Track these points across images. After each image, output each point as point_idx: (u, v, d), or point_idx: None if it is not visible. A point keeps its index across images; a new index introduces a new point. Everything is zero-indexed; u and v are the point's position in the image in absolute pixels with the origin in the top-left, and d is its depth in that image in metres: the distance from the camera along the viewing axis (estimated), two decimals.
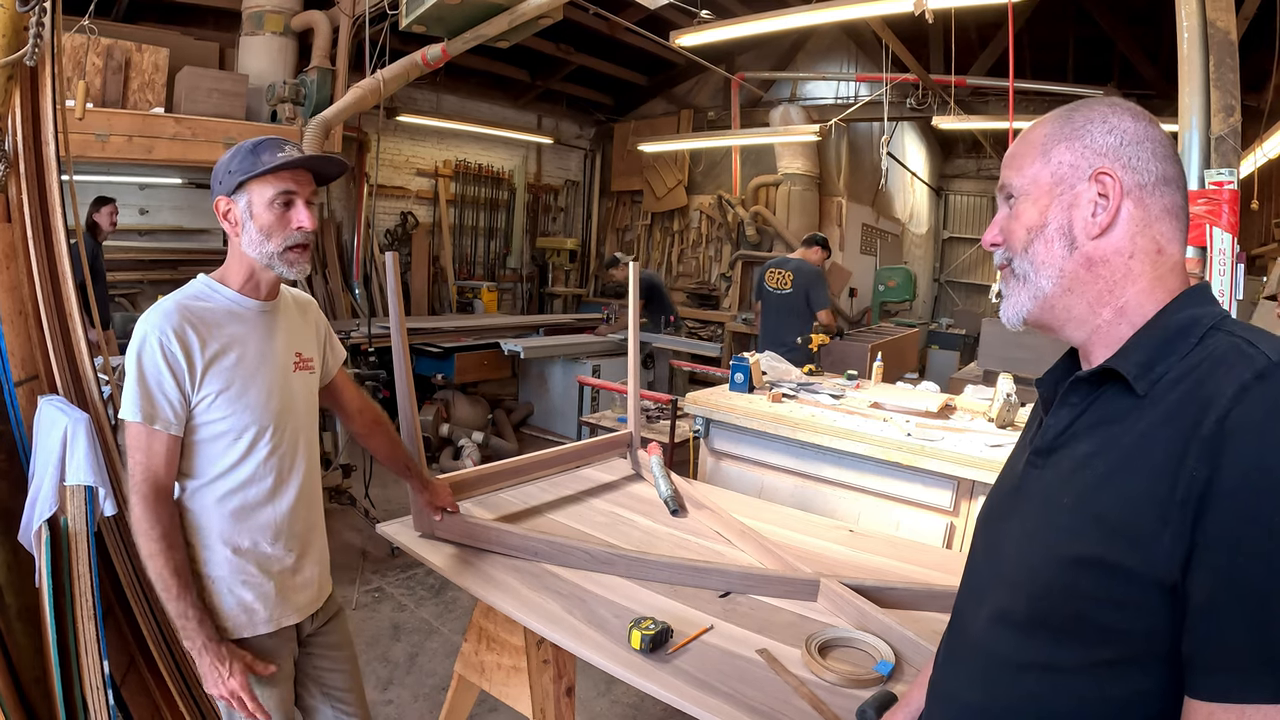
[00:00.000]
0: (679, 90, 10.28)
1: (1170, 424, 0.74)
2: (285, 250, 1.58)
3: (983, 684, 0.88)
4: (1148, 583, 0.72)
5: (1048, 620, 0.80)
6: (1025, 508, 0.89)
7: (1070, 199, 0.87)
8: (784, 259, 5.91)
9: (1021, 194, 0.91)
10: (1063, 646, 0.79)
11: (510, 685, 1.97)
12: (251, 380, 1.59)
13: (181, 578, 1.51)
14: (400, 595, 3.81)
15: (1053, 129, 0.89)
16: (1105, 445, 0.80)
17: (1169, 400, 0.76)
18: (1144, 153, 0.85)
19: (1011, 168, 0.92)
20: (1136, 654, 0.74)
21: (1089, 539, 0.77)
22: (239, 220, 1.57)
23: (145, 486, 1.49)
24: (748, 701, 1.40)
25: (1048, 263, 0.88)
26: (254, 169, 1.54)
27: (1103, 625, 0.75)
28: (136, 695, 2.13)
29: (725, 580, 1.88)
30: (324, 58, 6.04)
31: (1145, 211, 0.85)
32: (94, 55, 5.07)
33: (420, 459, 2.07)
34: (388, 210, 8.81)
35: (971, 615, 0.94)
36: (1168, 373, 0.78)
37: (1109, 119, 0.86)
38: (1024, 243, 0.90)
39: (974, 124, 7.73)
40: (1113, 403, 0.83)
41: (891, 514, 3.13)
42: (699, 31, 5.41)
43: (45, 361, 2.16)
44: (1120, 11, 7.41)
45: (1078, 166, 0.86)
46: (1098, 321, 0.87)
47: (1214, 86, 2.48)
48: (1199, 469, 0.69)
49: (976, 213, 12.30)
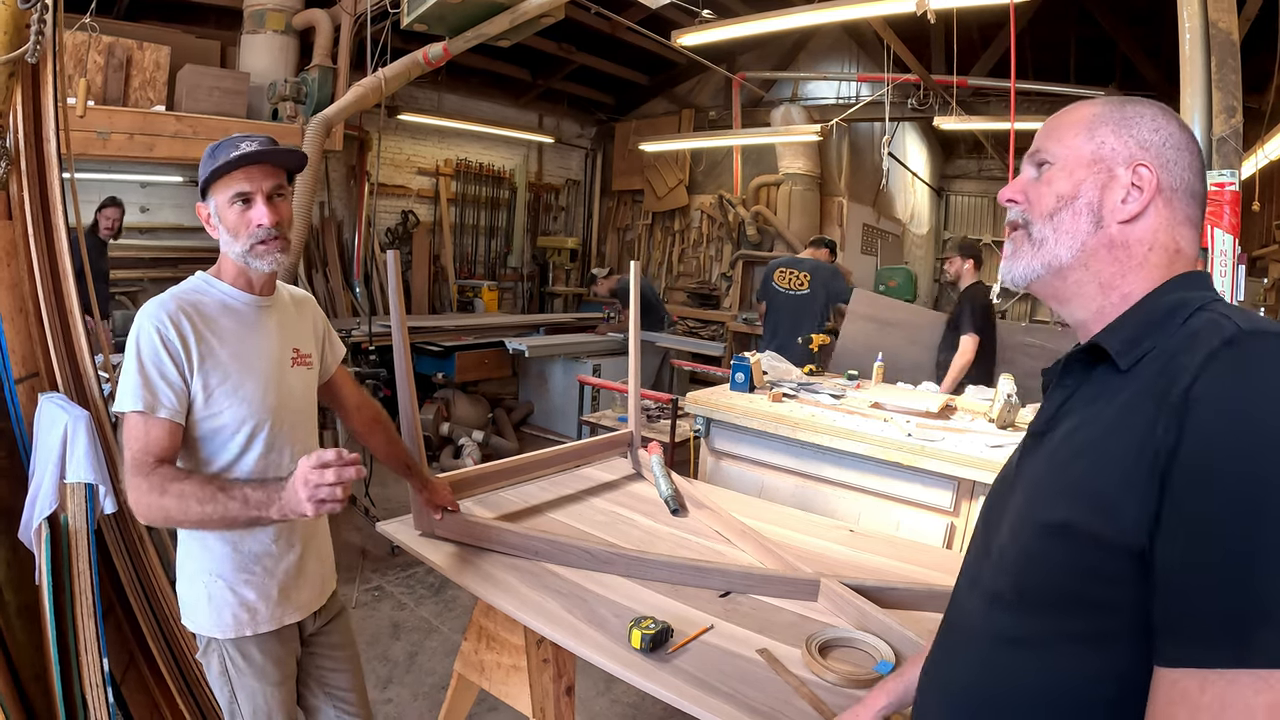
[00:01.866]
0: (680, 90, 10.27)
1: (1144, 394, 0.76)
2: (251, 247, 1.58)
3: (977, 666, 0.89)
4: (1118, 549, 0.72)
5: (1026, 594, 0.82)
6: (1018, 487, 0.90)
7: (1105, 179, 0.88)
8: (796, 259, 5.88)
9: (1058, 162, 0.92)
10: (1042, 618, 0.80)
11: (510, 684, 1.97)
12: (248, 374, 1.59)
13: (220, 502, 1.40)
14: (400, 594, 3.81)
15: (1102, 111, 0.91)
16: (1087, 420, 0.82)
17: (1147, 374, 0.78)
18: (1182, 161, 0.88)
19: (1051, 136, 0.94)
20: (1113, 626, 0.74)
21: (1061, 507, 0.78)
22: (214, 223, 1.60)
23: (139, 463, 1.44)
24: (748, 701, 1.40)
25: (1071, 233, 0.89)
26: (208, 174, 1.56)
27: (1078, 595, 0.76)
28: (136, 693, 2.13)
29: (725, 580, 1.88)
30: (325, 56, 6.04)
31: (1172, 213, 0.87)
32: (95, 53, 5.07)
33: (420, 458, 2.07)
34: (389, 209, 8.81)
35: (966, 596, 0.95)
36: (1152, 349, 0.80)
37: (1158, 119, 0.89)
38: (1051, 209, 0.91)
39: (975, 124, 7.72)
40: (1101, 381, 0.85)
41: (892, 514, 3.13)
42: (700, 31, 5.40)
43: (46, 359, 2.16)
44: (1122, 12, 7.40)
45: (1118, 152, 0.88)
46: (1104, 303, 0.89)
47: (1216, 87, 2.48)
48: (1165, 437, 0.70)
49: (977, 213, 12.29)
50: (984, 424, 3.38)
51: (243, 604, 1.61)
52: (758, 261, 8.96)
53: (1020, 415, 3.37)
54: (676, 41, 5.61)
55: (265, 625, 1.64)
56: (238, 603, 1.61)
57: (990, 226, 11.95)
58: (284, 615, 1.68)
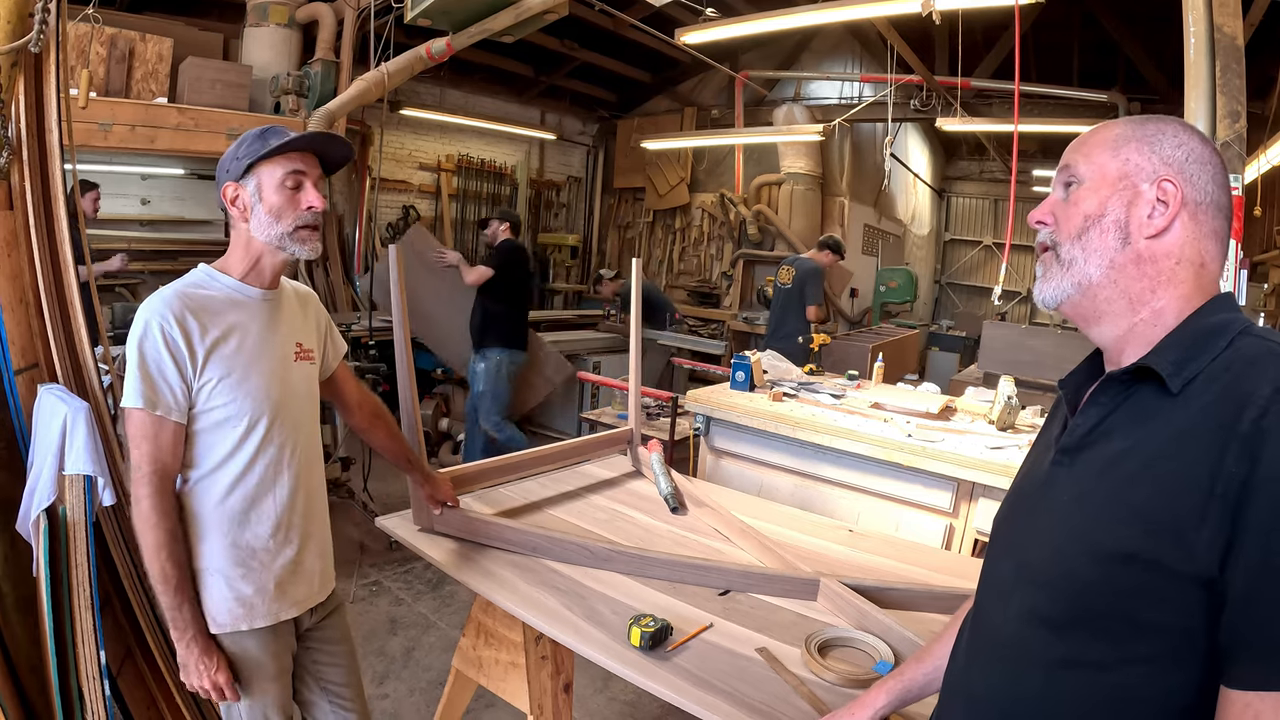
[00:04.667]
0: (683, 88, 10.26)
1: (1206, 422, 0.77)
2: (295, 230, 1.59)
3: (1012, 683, 0.89)
4: (1186, 578, 0.73)
5: (1082, 618, 0.82)
6: (1054, 506, 0.90)
7: (1131, 196, 0.89)
8: (795, 257, 6.22)
9: (1084, 181, 0.93)
10: (1098, 643, 0.80)
11: (508, 681, 1.97)
12: (252, 367, 1.59)
13: (182, 570, 1.52)
14: (398, 589, 3.81)
15: (1125, 130, 0.92)
16: (1139, 443, 0.82)
17: (1203, 399, 0.78)
18: (1205, 174, 0.88)
19: (1080, 153, 0.95)
20: (1172, 649, 0.75)
21: (1126, 536, 0.78)
22: (247, 204, 1.58)
23: (155, 478, 1.49)
24: (747, 700, 1.40)
25: (1100, 251, 0.90)
26: (262, 150, 1.55)
27: (1139, 621, 0.77)
28: (133, 686, 2.12)
29: (725, 578, 1.88)
30: (328, 50, 6.03)
31: (1198, 227, 0.88)
32: (98, 44, 5.05)
33: (420, 453, 2.06)
34: (390, 204, 8.80)
35: (998, 614, 0.94)
36: (1200, 372, 0.81)
37: (1180, 135, 0.90)
38: (1079, 229, 0.92)
39: (978, 126, 7.72)
40: (1145, 401, 0.85)
41: (891, 514, 3.13)
42: (704, 29, 5.39)
43: (45, 350, 2.15)
44: (1126, 16, 7.40)
45: (1143, 169, 0.89)
46: (1135, 320, 0.89)
47: (1220, 92, 2.47)
48: (1238, 465, 0.72)
49: (978, 215, 12.28)
50: (984, 425, 3.38)
51: (239, 598, 1.61)
52: (758, 261, 8.96)
53: (1020, 418, 3.37)
54: (680, 39, 5.60)
55: (262, 620, 1.64)
56: (234, 597, 1.60)
57: (990, 228, 11.95)
58: (281, 610, 1.67)
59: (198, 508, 1.59)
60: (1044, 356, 5.11)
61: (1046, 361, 5.02)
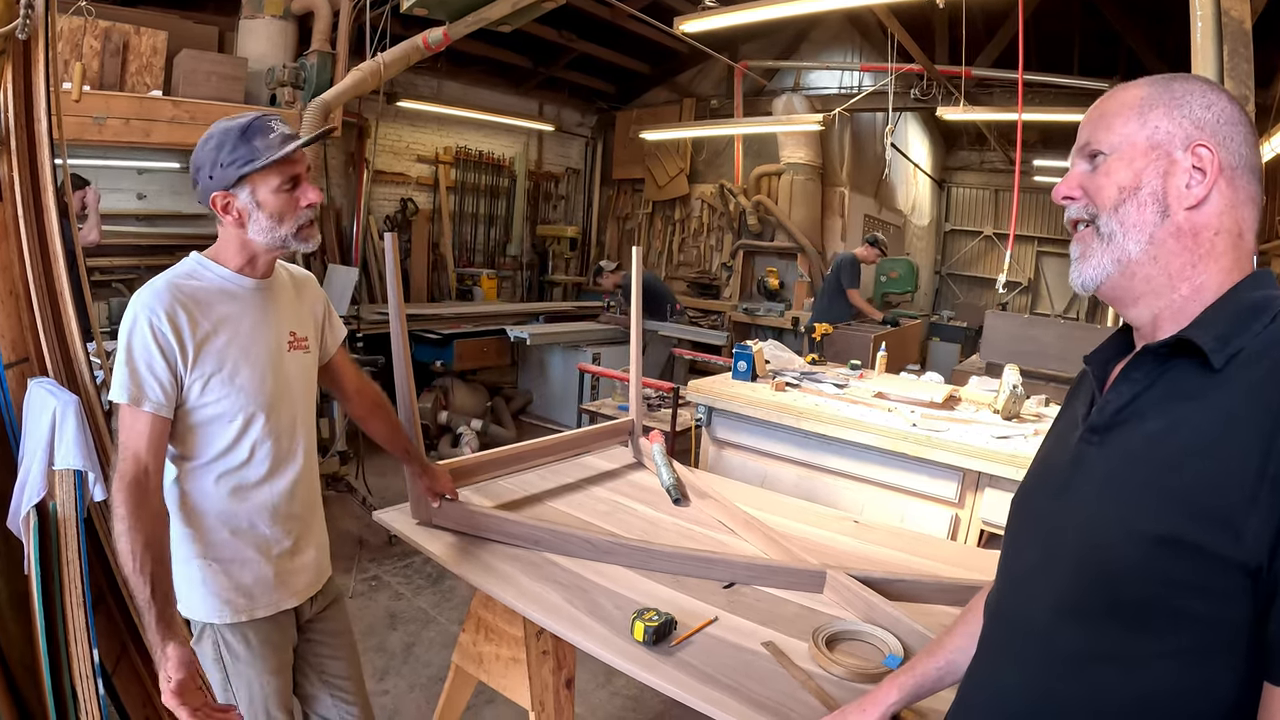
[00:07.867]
0: (681, 79, 10.19)
1: (1254, 402, 0.72)
2: (299, 229, 1.56)
3: (1038, 677, 0.84)
4: (1232, 566, 0.69)
5: (1115, 607, 0.77)
6: (1085, 487, 0.85)
7: (1166, 165, 0.84)
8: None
9: (1113, 152, 0.87)
10: (1132, 634, 0.76)
11: (509, 676, 1.94)
12: (244, 361, 1.56)
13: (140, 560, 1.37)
14: (397, 584, 3.78)
15: (1150, 92, 0.87)
16: (1179, 421, 0.78)
17: (1249, 378, 0.74)
18: (1237, 136, 0.84)
19: (1099, 126, 0.89)
20: (1214, 641, 0.71)
21: (1167, 520, 0.74)
22: (244, 212, 1.53)
23: (124, 465, 1.43)
24: (753, 695, 1.37)
25: (1138, 226, 0.85)
26: (253, 159, 1.48)
27: (1180, 611, 0.73)
28: (128, 684, 2.10)
29: (730, 571, 1.85)
30: (324, 41, 5.97)
31: (1235, 193, 0.83)
32: (91, 37, 4.99)
33: (419, 446, 2.03)
34: (387, 196, 8.75)
35: (1022, 604, 0.90)
36: (1242, 349, 0.76)
37: (1208, 94, 0.84)
38: (1115, 201, 0.86)
39: (979, 115, 7.67)
40: (1183, 378, 0.80)
41: (896, 505, 3.10)
42: (703, 18, 5.34)
43: (36, 343, 2.12)
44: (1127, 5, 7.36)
45: (1174, 135, 0.84)
46: (1174, 296, 0.84)
47: (1228, 76, 2.43)
48: None
49: (979, 205, 12.22)
50: (989, 415, 3.35)
51: (237, 588, 1.58)
52: (758, 251, 8.91)
53: (1025, 406, 3.34)
54: (679, 29, 5.55)
55: (261, 610, 1.62)
56: (232, 587, 1.58)
57: (991, 219, 11.90)
58: (280, 600, 1.65)
59: (197, 498, 1.56)
60: (1046, 346, 5.07)
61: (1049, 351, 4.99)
